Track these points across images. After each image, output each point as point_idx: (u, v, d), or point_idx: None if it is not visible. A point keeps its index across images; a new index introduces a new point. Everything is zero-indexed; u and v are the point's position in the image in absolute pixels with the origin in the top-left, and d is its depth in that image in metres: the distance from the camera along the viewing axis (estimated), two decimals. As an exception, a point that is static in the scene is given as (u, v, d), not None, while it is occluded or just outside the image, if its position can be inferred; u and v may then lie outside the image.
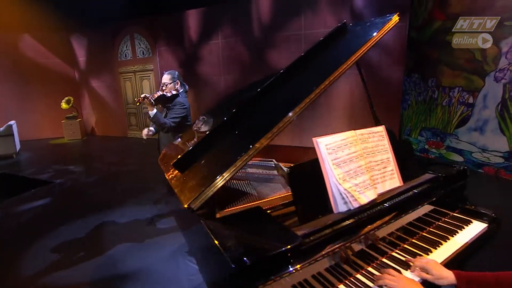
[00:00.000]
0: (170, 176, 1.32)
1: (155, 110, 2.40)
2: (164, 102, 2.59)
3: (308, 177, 1.03)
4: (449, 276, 0.90)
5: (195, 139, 1.81)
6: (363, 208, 1.06)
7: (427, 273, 0.93)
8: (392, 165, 1.27)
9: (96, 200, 3.58)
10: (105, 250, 2.47)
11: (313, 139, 1.09)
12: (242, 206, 1.16)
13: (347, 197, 1.05)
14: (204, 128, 2.18)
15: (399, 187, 1.24)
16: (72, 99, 7.38)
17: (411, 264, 1.00)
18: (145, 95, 2.38)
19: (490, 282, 0.83)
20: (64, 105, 7.31)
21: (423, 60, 4.61)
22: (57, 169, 4.94)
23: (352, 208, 1.05)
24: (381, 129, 1.31)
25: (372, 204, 1.10)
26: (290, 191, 1.19)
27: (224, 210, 1.09)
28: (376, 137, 1.28)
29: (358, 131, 1.22)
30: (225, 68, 6.11)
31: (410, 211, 1.17)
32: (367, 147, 1.22)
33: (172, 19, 6.27)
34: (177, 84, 2.63)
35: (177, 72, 2.68)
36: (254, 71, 5.78)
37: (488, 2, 3.63)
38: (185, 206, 1.01)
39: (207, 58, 6.20)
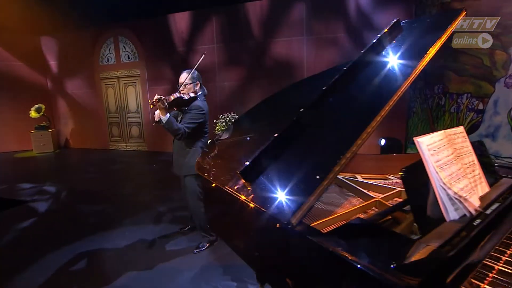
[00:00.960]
0: (233, 186, 1.19)
1: (168, 115, 2.22)
2: (180, 105, 2.40)
3: (422, 181, 0.95)
4: None
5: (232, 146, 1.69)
6: (472, 216, 1.00)
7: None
8: (478, 168, 1.23)
9: (86, 221, 3.27)
10: (110, 281, 2.21)
11: (414, 138, 1.02)
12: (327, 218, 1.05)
13: (457, 203, 0.99)
14: (224, 136, 2.06)
15: (488, 192, 1.20)
16: (43, 107, 6.91)
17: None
18: (160, 97, 2.20)
19: None
20: (33, 113, 6.82)
21: (428, 67, 4.81)
22: (30, 186, 4.52)
23: (463, 215, 0.99)
24: (461, 129, 1.28)
25: (479, 212, 1.04)
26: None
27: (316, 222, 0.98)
28: (460, 138, 1.24)
29: (447, 131, 1.18)
30: (220, 74, 6.04)
31: None
32: (456, 148, 1.18)
33: (162, 21, 6.15)
34: (197, 85, 2.47)
35: (197, 72, 2.51)
36: (252, 77, 5.76)
37: (493, 6, 3.89)
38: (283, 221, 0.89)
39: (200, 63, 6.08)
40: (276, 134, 1.21)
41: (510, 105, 3.81)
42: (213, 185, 1.35)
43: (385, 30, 1.58)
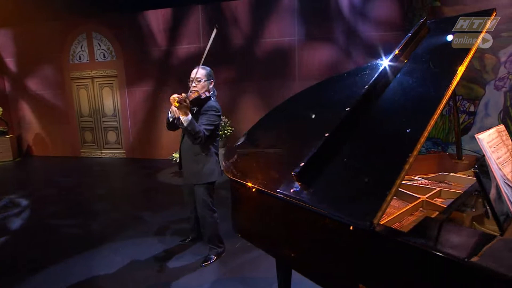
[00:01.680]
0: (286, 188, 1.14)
1: (190, 116, 2.11)
2: (193, 105, 2.25)
3: (490, 178, 0.98)
4: None
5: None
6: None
7: None
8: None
9: (66, 239, 3.01)
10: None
11: (476, 136, 1.06)
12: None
13: (523, 200, 1.03)
14: (247, 140, 2.00)
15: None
16: (0, 110, 6.40)
17: None
18: (186, 95, 2.08)
19: None
20: (-12, 117, 6.30)
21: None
22: (-7, 200, 4.12)
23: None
24: (503, 127, 1.34)
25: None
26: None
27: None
28: (505, 136, 1.30)
29: (498, 129, 1.23)
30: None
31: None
32: (506, 145, 1.23)
33: (142, 17, 5.96)
34: (211, 84, 2.37)
35: (210, 69, 2.40)
36: (239, 79, 5.73)
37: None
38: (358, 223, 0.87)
39: (185, 64, 5.97)
40: (326, 134, 1.19)
41: (500, 107, 4.11)
42: (253, 189, 1.30)
43: (411, 32, 1.64)
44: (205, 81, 2.29)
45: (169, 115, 2.32)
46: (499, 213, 1.01)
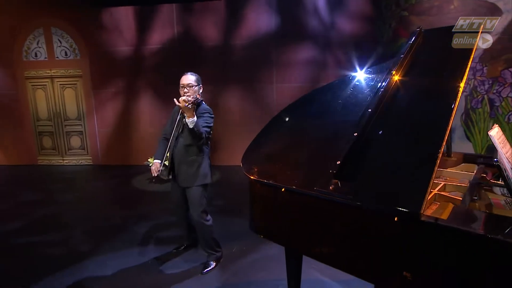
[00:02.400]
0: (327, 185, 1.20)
1: (196, 117, 2.12)
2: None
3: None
4: None
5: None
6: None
7: None
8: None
9: (45, 257, 2.74)
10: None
11: (488, 132, 1.21)
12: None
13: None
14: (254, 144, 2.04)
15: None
16: None
17: None
18: (195, 98, 2.14)
19: None
20: None
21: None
22: None
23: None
24: (498, 129, 1.54)
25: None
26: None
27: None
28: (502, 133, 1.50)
29: (498, 127, 1.41)
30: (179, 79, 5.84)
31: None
32: (506, 142, 1.42)
33: (111, 13, 5.69)
34: (201, 88, 2.44)
35: (197, 75, 2.46)
36: (214, 80, 5.71)
37: (450, 23, 4.69)
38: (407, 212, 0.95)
39: (157, 64, 5.81)
40: (355, 134, 1.28)
41: (463, 110, 4.62)
42: (285, 191, 1.34)
43: (411, 41, 1.81)
44: (196, 86, 2.35)
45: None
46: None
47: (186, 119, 2.12)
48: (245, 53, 5.64)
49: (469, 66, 1.47)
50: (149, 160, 5.04)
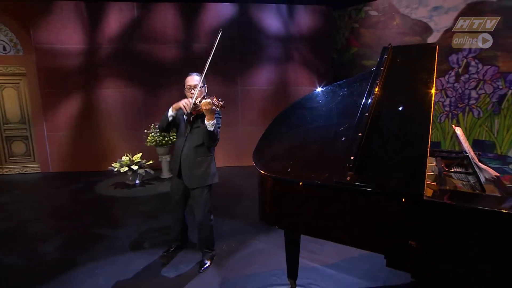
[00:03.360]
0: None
1: (215, 119, 2.24)
2: (192, 110, 2.34)
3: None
4: None
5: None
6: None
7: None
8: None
9: (22, 272, 2.53)
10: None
11: (455, 128, 1.60)
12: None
13: (483, 171, 1.62)
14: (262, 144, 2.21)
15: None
16: None
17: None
18: (219, 100, 2.20)
19: None
20: None
21: (345, 79, 6.14)
22: None
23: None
24: (459, 128, 1.97)
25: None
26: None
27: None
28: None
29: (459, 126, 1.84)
30: (139, 78, 5.67)
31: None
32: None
33: (61, 7, 5.27)
34: (206, 88, 2.48)
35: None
36: (168, 83, 5.69)
37: (389, 40, 5.42)
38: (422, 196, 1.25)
39: (113, 64, 5.55)
40: (360, 134, 1.56)
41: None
42: (300, 183, 1.56)
43: (385, 56, 2.17)
44: (201, 86, 2.39)
45: (170, 113, 2.44)
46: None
47: (207, 122, 2.22)
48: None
49: (435, 76, 1.84)
50: (113, 165, 4.81)
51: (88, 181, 5.02)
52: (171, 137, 5.08)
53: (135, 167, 4.70)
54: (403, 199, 1.31)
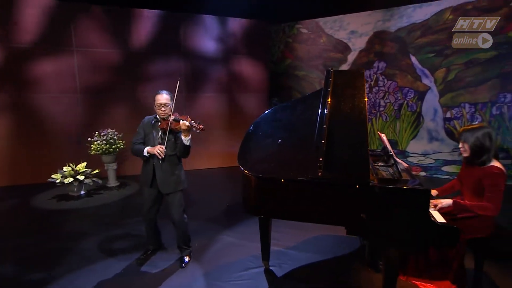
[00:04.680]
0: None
1: (190, 135, 2.52)
2: (164, 125, 2.64)
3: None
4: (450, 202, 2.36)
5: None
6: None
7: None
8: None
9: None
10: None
11: (379, 133, 2.31)
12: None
13: (401, 163, 2.39)
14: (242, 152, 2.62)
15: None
16: None
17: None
18: (194, 121, 2.52)
19: (466, 206, 2.36)
20: None
21: (280, 87, 6.93)
22: None
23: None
24: (383, 135, 2.74)
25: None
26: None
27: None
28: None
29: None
30: (82, 85, 5.41)
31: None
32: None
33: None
34: (173, 104, 2.74)
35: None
36: (122, 89, 5.63)
37: (317, 54, 6.39)
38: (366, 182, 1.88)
39: (54, 69, 5.19)
40: (323, 141, 2.14)
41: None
42: (282, 180, 2.06)
43: (331, 78, 2.84)
44: (171, 104, 2.69)
45: (145, 153, 2.65)
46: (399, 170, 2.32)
47: (183, 137, 2.52)
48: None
49: (365, 89, 2.55)
50: (53, 176, 4.52)
51: (22, 196, 4.60)
52: (118, 145, 5.02)
53: (81, 177, 4.52)
54: (357, 186, 1.92)
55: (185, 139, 2.54)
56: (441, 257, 2.29)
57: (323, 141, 2.13)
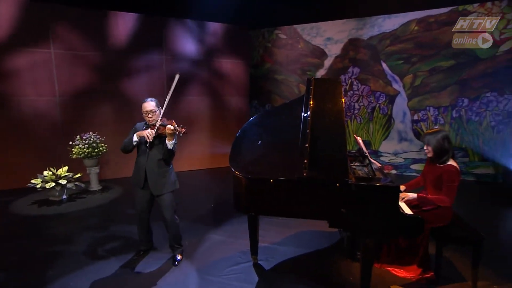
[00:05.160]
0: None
1: (174, 140, 2.66)
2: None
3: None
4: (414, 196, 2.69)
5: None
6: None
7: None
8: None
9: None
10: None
11: (355, 136, 2.61)
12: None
13: (375, 163, 2.69)
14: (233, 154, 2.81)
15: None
16: None
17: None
18: (178, 126, 2.61)
19: (427, 199, 2.70)
20: None
21: (260, 91, 7.18)
22: None
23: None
24: (359, 138, 3.05)
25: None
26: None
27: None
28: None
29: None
30: (61, 89, 5.34)
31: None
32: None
33: None
34: (161, 110, 2.82)
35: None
36: (103, 93, 5.62)
37: (295, 59, 6.70)
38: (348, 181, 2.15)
39: (30, 72, 5.08)
40: (307, 145, 2.40)
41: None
42: (271, 180, 2.29)
43: (311, 86, 3.11)
44: (157, 110, 2.81)
45: (135, 138, 2.75)
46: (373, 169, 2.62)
47: (167, 142, 2.66)
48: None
49: (343, 98, 2.84)
50: (32, 181, 4.46)
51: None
52: (101, 148, 5.02)
53: (63, 182, 4.50)
54: (337, 184, 2.19)
55: (169, 143, 2.68)
56: (409, 245, 2.63)
57: (306, 145, 2.38)
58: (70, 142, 4.93)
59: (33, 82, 5.14)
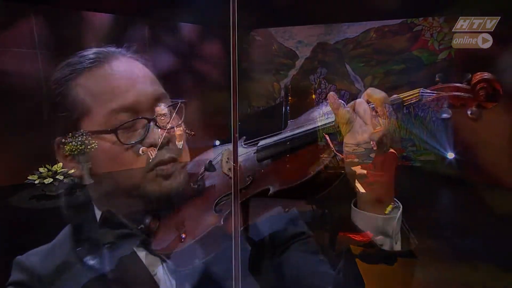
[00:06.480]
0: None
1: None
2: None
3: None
4: None
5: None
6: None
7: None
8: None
9: None
10: None
11: (325, 135, 3.36)
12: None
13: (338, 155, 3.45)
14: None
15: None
16: None
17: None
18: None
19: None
20: None
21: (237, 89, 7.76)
22: None
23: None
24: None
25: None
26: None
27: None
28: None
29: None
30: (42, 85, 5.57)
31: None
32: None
33: None
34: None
35: None
36: None
37: (269, 60, 7.36)
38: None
39: (15, 72, 5.24)
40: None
41: (284, 114, 7.49)
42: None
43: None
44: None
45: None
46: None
47: (177, 143, 3.19)
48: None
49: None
50: (29, 177, 4.75)
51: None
52: (94, 144, 5.36)
53: (60, 177, 4.84)
54: (311, 172, 2.93)
55: (180, 144, 3.25)
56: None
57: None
58: (63, 140, 5.22)
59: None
